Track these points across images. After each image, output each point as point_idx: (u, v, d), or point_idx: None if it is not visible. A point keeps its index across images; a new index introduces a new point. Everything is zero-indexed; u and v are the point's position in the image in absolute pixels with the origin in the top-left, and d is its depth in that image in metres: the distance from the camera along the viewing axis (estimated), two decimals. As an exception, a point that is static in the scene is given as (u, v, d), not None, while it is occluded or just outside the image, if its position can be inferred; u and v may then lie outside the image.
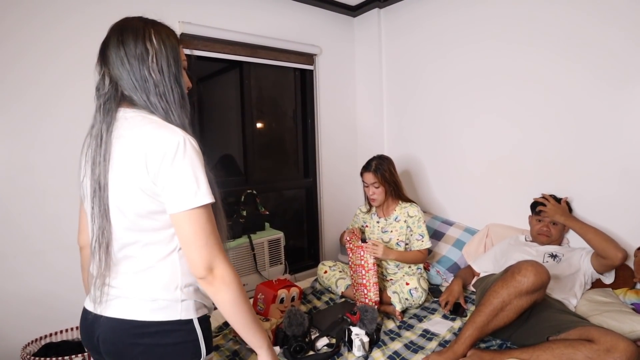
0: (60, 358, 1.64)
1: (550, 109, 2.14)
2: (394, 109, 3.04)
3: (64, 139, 1.87)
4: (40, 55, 1.82)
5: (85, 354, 1.67)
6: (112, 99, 0.92)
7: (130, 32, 0.91)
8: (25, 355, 1.70)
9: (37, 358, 1.65)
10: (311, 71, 2.97)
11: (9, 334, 1.80)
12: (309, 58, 2.91)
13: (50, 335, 1.85)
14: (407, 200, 2.22)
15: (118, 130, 0.90)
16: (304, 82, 3.00)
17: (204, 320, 0.97)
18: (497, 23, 2.33)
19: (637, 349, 1.28)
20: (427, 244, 2.12)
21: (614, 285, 1.81)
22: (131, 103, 0.94)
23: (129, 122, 0.91)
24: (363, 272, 1.97)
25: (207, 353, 0.96)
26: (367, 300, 1.94)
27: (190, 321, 0.94)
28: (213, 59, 2.45)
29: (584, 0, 1.94)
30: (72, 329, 1.90)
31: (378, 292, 1.96)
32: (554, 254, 1.95)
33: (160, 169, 0.85)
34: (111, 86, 0.92)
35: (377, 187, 2.14)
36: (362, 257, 1.98)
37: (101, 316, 0.94)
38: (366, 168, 2.18)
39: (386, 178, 2.13)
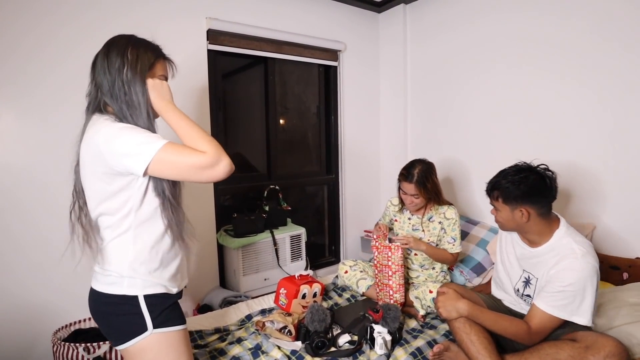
0: (88, 344, 1.69)
1: (580, 110, 2.07)
2: (418, 107, 3.00)
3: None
4: (61, 46, 1.87)
5: (113, 341, 1.72)
6: (93, 102, 1.09)
7: (115, 47, 1.07)
8: (55, 340, 1.75)
9: (66, 343, 1.71)
10: (335, 67, 2.96)
11: (41, 319, 1.86)
12: (333, 54, 2.90)
13: (80, 322, 1.91)
14: (445, 202, 2.08)
15: (88, 131, 1.05)
16: (328, 79, 2.99)
17: (154, 297, 1.10)
18: (528, 29, 2.27)
19: (619, 345, 1.24)
20: (457, 248, 2.03)
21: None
22: (106, 109, 1.08)
23: (94, 123, 1.05)
24: (390, 272, 1.93)
25: (156, 326, 1.09)
26: (391, 301, 1.91)
27: (135, 297, 1.08)
28: (238, 54, 2.47)
29: None
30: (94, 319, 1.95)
31: (404, 294, 1.92)
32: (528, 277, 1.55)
33: (108, 150, 0.99)
34: (95, 91, 1.09)
35: (416, 198, 1.97)
36: (389, 258, 1.92)
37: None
38: (406, 177, 1.96)
39: (428, 190, 1.95)
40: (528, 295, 1.50)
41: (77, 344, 1.70)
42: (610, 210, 2.01)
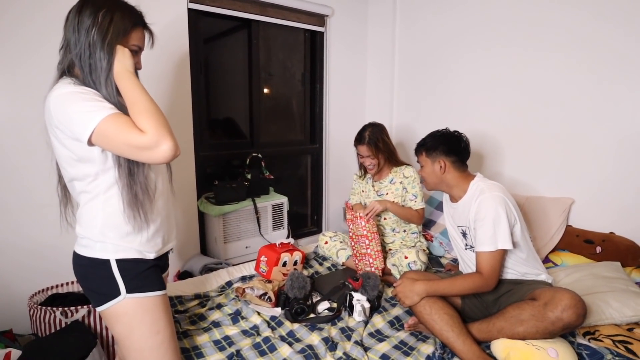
0: (66, 308, 1.68)
1: (573, 84, 2.07)
2: (406, 76, 2.95)
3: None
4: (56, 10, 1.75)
5: (90, 305, 1.70)
6: (62, 59, 1.05)
7: (90, 6, 1.00)
8: (32, 304, 1.73)
9: (43, 307, 1.69)
10: (322, 33, 2.87)
11: (15, 284, 1.83)
12: (320, 19, 2.80)
13: (57, 286, 1.88)
14: (402, 163, 2.19)
15: (49, 93, 1.00)
16: (314, 45, 2.91)
17: (126, 262, 1.10)
18: (520, 9, 2.23)
19: (575, 296, 1.29)
20: (420, 204, 2.10)
21: (623, 264, 1.81)
22: (73, 70, 1.04)
23: (56, 85, 1.01)
24: (367, 242, 1.96)
25: (129, 291, 1.09)
26: (372, 269, 1.95)
27: (107, 261, 1.08)
28: (221, 15, 2.36)
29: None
30: (77, 281, 1.93)
31: (383, 260, 1.98)
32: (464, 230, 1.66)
33: (57, 115, 0.96)
34: (64, 48, 1.04)
35: (372, 159, 2.10)
36: (364, 227, 1.97)
37: None
38: (359, 140, 2.12)
39: (380, 149, 2.09)
40: (471, 247, 1.60)
41: (55, 308, 1.69)
42: (587, 185, 2.06)
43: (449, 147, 1.64)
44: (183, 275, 2.20)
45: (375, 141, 2.07)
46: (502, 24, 2.32)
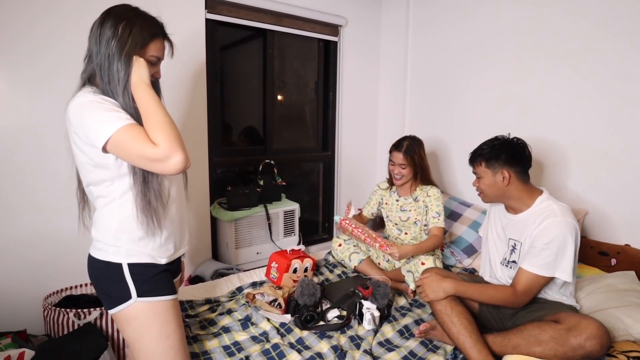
0: (79, 310, 1.70)
1: (588, 94, 2.04)
2: (419, 87, 2.95)
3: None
4: (66, 13, 1.82)
5: (102, 308, 1.73)
6: (86, 68, 1.08)
7: (111, 17, 1.04)
8: (47, 304, 1.77)
9: (57, 308, 1.72)
10: (335, 43, 2.89)
11: (31, 284, 1.87)
12: (334, 29, 2.83)
13: (71, 288, 1.92)
14: (431, 183, 2.19)
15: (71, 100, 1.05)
16: (328, 54, 2.93)
17: (138, 266, 1.11)
18: (536, 21, 2.21)
19: (601, 327, 1.26)
20: (442, 222, 2.09)
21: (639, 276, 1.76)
22: (95, 79, 1.07)
23: (78, 93, 1.05)
24: (371, 242, 2.00)
25: (140, 295, 1.10)
26: (388, 249, 1.95)
27: (119, 265, 1.10)
28: (237, 25, 2.40)
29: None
30: (91, 283, 1.97)
31: (392, 243, 1.98)
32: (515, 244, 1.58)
33: (76, 122, 1.00)
34: (88, 58, 1.08)
35: (403, 168, 2.12)
36: (359, 236, 2.01)
37: None
38: (396, 147, 2.14)
39: (415, 161, 2.11)
40: (514, 262, 1.54)
41: (68, 310, 1.72)
42: (602, 197, 2.01)
43: (512, 156, 1.50)
44: (194, 280, 2.22)
45: (412, 153, 2.10)
46: (524, 35, 2.29)
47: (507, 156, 1.50)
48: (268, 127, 2.71)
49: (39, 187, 1.85)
